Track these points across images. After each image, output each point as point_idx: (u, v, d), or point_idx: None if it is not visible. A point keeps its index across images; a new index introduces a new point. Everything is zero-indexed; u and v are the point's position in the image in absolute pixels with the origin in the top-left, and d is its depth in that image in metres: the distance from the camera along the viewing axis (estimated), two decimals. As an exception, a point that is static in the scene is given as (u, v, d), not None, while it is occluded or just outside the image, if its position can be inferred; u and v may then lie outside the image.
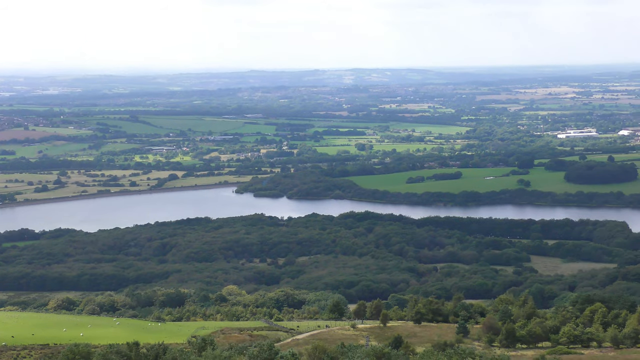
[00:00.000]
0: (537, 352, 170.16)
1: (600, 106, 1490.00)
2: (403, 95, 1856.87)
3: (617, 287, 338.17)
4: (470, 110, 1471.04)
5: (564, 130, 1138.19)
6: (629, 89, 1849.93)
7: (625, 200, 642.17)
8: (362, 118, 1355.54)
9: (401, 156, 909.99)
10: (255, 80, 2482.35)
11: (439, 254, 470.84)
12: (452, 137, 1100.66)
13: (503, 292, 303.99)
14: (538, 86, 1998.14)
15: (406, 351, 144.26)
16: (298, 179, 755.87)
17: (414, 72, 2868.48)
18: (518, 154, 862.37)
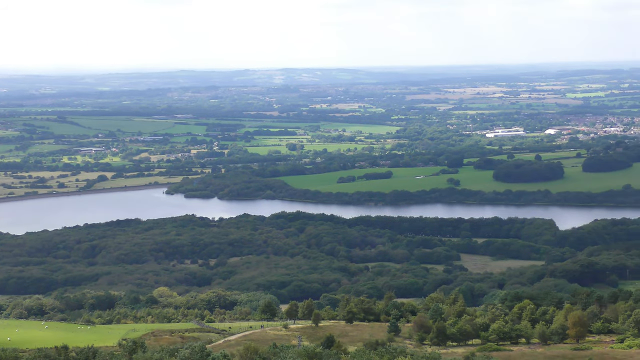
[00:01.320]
0: (467, 349, 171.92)
1: (528, 105, 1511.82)
2: (333, 95, 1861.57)
3: (544, 284, 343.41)
4: (400, 110, 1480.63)
5: (492, 130, 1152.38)
6: (555, 89, 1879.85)
7: (552, 199, 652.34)
8: (292, 118, 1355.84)
9: (332, 156, 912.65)
10: (186, 80, 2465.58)
11: (370, 253, 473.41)
12: (383, 137, 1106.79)
13: (434, 291, 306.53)
14: (467, 86, 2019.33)
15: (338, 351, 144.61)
16: (229, 180, 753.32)
17: (344, 71, 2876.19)
18: (448, 153, 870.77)
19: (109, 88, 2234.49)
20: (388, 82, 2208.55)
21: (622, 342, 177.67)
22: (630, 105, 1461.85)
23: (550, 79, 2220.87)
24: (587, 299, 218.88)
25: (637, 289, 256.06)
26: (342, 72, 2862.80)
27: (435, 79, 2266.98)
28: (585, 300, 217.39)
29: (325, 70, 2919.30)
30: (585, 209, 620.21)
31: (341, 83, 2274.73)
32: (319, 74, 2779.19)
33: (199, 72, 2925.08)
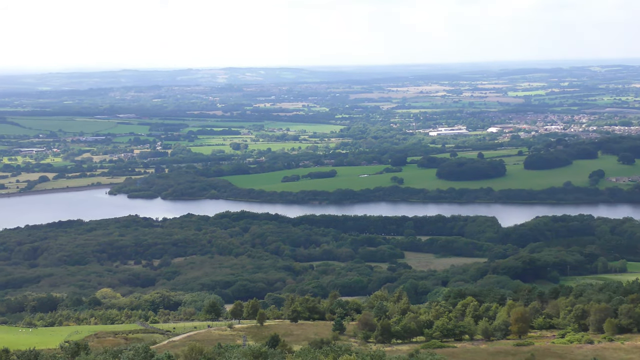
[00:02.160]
0: (411, 346, 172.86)
1: (470, 104, 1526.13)
2: (277, 94, 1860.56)
3: (487, 281, 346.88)
4: (344, 109, 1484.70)
5: (436, 128, 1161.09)
6: (497, 87, 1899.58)
7: (495, 196, 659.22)
8: (236, 117, 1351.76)
9: (276, 155, 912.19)
10: (128, 80, 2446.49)
11: (315, 252, 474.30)
12: (327, 136, 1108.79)
13: (378, 289, 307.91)
14: (410, 85, 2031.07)
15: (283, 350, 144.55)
16: (173, 179, 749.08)
17: (288, 71, 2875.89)
18: (391, 151, 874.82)
19: (49, 88, 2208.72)
20: (332, 82, 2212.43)
21: (563, 337, 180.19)
22: (570, 103, 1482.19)
23: (492, 77, 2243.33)
24: (529, 295, 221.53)
25: (577, 285, 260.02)
26: (286, 71, 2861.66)
27: (379, 78, 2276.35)
28: (527, 296, 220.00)
29: (269, 69, 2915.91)
30: (526, 206, 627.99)
31: (285, 82, 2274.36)
32: (263, 73, 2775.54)
33: (141, 71, 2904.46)
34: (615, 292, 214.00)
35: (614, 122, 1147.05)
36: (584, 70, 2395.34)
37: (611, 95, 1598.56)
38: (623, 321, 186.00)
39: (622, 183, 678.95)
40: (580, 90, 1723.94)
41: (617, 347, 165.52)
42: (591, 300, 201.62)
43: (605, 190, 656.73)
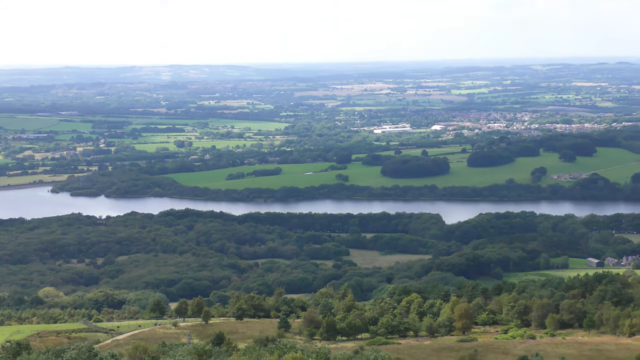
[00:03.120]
0: (356, 343, 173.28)
1: (414, 102, 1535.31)
2: (222, 91, 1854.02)
3: (432, 278, 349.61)
4: (288, 107, 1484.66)
5: (380, 126, 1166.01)
6: (440, 85, 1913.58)
7: (439, 193, 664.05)
8: (180, 115, 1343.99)
9: (221, 153, 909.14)
10: (70, 77, 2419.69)
11: (260, 249, 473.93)
12: (272, 134, 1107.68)
13: (323, 286, 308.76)
14: (354, 82, 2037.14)
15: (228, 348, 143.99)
16: (116, 177, 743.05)
17: (232, 68, 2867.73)
18: (336, 149, 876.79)
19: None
20: (276, 79, 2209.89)
21: (506, 333, 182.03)
22: (512, 101, 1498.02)
23: (436, 76, 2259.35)
24: (472, 291, 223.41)
25: (520, 281, 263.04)
26: (231, 68, 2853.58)
27: (323, 76, 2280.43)
28: (471, 292, 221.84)
29: (213, 67, 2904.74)
30: (470, 203, 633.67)
31: (229, 80, 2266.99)
32: (207, 70, 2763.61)
33: (84, 68, 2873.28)
34: (557, 288, 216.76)
35: (556, 120, 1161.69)
36: (526, 68, 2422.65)
37: (552, 94, 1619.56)
38: (564, 317, 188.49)
39: (563, 180, 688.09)
40: (523, 89, 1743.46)
41: (558, 342, 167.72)
42: (533, 296, 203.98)
43: (547, 188, 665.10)
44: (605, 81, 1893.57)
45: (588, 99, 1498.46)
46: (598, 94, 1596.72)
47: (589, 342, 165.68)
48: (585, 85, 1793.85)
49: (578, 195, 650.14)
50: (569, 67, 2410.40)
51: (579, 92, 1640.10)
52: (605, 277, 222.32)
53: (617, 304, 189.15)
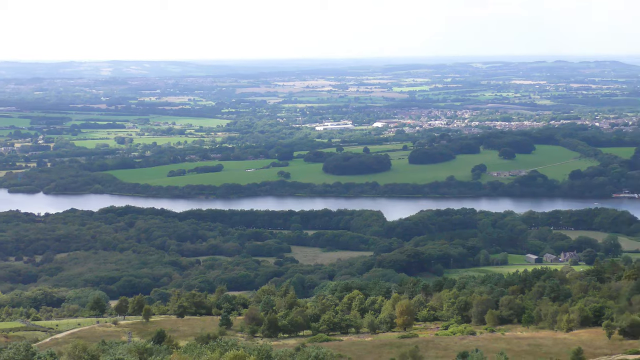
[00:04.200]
0: (298, 340, 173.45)
1: (356, 99, 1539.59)
2: (163, 87, 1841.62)
3: (373, 274, 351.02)
4: (230, 103, 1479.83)
5: (322, 123, 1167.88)
6: (382, 82, 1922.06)
7: (380, 190, 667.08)
8: (121, 111, 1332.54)
9: (162, 149, 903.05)
10: (8, 72, 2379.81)
11: (202, 246, 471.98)
12: (213, 130, 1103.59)
13: (265, 283, 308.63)
14: (296, 79, 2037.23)
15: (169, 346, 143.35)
16: (55, 174, 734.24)
17: (174, 64, 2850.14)
18: (278, 146, 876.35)
19: None
20: (218, 75, 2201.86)
21: (447, 329, 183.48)
22: (453, 99, 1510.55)
23: (377, 73, 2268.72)
24: (413, 287, 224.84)
25: (460, 277, 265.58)
26: (172, 64, 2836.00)
27: (265, 73, 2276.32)
28: (412, 289, 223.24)
29: (154, 62, 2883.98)
30: (411, 200, 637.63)
31: (171, 76, 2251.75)
32: (148, 66, 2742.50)
33: (22, 63, 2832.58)
34: (496, 284, 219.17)
35: (495, 117, 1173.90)
36: (467, 66, 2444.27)
37: (492, 92, 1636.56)
38: (504, 312, 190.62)
39: (502, 177, 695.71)
40: (463, 86, 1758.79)
41: (497, 337, 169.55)
42: (473, 293, 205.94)
43: (486, 184, 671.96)
44: (544, 79, 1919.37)
45: (527, 97, 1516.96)
46: (537, 92, 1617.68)
47: (528, 338, 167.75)
48: (524, 83, 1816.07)
49: (517, 192, 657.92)
50: (508, 65, 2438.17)
51: (519, 90, 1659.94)
52: (543, 273, 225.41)
53: (555, 299, 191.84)
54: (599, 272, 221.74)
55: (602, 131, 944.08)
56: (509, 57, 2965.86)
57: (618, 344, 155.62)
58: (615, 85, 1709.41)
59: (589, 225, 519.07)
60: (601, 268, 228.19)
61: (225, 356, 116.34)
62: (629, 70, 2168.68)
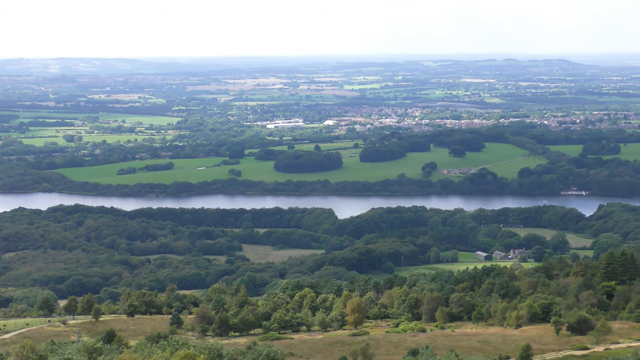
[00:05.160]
0: (249, 339, 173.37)
1: (307, 97, 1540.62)
2: (113, 85, 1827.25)
3: (324, 272, 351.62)
4: (180, 101, 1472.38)
5: (273, 121, 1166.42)
6: (333, 80, 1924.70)
7: (332, 188, 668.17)
8: (70, 109, 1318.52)
9: (112, 147, 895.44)
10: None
11: (152, 245, 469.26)
12: (164, 128, 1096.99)
13: (216, 282, 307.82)
14: (247, 77, 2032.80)
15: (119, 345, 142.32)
16: (2, 172, 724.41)
17: (123, 62, 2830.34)
18: (229, 144, 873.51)
19: None
20: (168, 73, 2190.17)
21: (398, 326, 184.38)
22: (403, 97, 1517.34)
23: (328, 71, 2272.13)
24: (364, 285, 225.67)
25: (411, 275, 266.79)
26: (121, 62, 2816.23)
27: (216, 70, 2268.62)
28: (363, 287, 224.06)
29: (103, 60, 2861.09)
30: (362, 198, 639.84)
31: (120, 73, 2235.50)
32: (97, 63, 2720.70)
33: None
34: (446, 282, 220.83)
35: (445, 115, 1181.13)
36: (417, 64, 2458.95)
37: (443, 90, 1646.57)
38: (454, 309, 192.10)
39: (453, 175, 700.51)
40: (414, 85, 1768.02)
41: (448, 334, 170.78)
42: (424, 290, 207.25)
43: (437, 182, 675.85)
44: (493, 77, 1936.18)
45: (477, 95, 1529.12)
46: (486, 90, 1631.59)
47: (478, 334, 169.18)
48: (474, 81, 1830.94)
49: (467, 189, 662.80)
50: (458, 63, 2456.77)
51: (468, 88, 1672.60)
52: (493, 270, 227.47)
53: (504, 296, 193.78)
54: (547, 269, 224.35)
55: (551, 129, 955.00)
56: (459, 55, 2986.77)
57: (566, 339, 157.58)
58: (563, 84, 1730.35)
59: (538, 222, 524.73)
60: (549, 265, 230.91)
61: (175, 355, 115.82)
62: (576, 69, 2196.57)
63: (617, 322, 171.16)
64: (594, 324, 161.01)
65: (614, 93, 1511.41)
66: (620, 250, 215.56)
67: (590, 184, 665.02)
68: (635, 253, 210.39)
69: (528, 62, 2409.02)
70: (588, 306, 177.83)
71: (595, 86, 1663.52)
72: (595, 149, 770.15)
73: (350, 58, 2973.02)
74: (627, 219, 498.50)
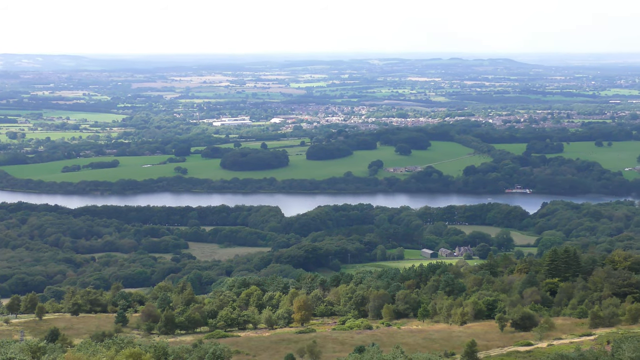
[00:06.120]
0: (195, 337, 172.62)
1: (253, 94, 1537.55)
2: (57, 82, 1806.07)
3: (271, 270, 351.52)
4: (126, 98, 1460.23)
5: (219, 118, 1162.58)
6: (280, 78, 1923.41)
7: (278, 186, 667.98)
8: (13, 105, 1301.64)
9: (56, 145, 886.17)
10: None
11: (97, 243, 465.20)
12: (109, 125, 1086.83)
13: (162, 280, 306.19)
14: (193, 74, 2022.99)
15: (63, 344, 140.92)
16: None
17: (68, 58, 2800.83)
18: (175, 141, 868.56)
19: None
20: (114, 70, 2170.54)
21: (344, 324, 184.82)
22: (350, 95, 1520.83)
23: (275, 69, 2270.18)
24: (311, 283, 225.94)
25: (357, 272, 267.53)
26: (66, 58, 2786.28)
27: (162, 67, 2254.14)
28: (310, 284, 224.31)
29: (47, 56, 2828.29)
30: (309, 196, 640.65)
31: (64, 70, 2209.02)
32: (41, 60, 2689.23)
33: None
34: (392, 279, 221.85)
35: (392, 114, 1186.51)
36: (364, 63, 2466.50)
37: (389, 88, 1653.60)
38: (400, 307, 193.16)
39: (399, 173, 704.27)
40: (360, 83, 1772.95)
41: (394, 331, 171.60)
42: (370, 287, 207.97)
43: (383, 180, 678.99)
44: (439, 76, 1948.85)
45: (423, 94, 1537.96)
46: (432, 88, 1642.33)
47: (423, 331, 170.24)
48: (420, 80, 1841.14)
49: (413, 187, 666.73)
50: (404, 62, 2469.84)
51: (414, 86, 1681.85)
52: (438, 267, 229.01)
53: (450, 293, 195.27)
54: (492, 266, 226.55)
55: (495, 128, 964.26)
56: (406, 54, 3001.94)
57: (510, 336, 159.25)
58: (507, 83, 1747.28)
59: (483, 220, 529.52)
60: (494, 262, 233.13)
61: (121, 354, 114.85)
62: (521, 69, 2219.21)
63: (560, 318, 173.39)
64: (538, 321, 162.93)
65: (558, 92, 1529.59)
66: (563, 247, 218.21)
67: (534, 182, 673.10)
68: (577, 250, 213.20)
69: (473, 62, 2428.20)
70: (532, 303, 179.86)
71: (539, 85, 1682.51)
72: (539, 148, 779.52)
73: (297, 56, 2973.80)
74: (570, 217, 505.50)
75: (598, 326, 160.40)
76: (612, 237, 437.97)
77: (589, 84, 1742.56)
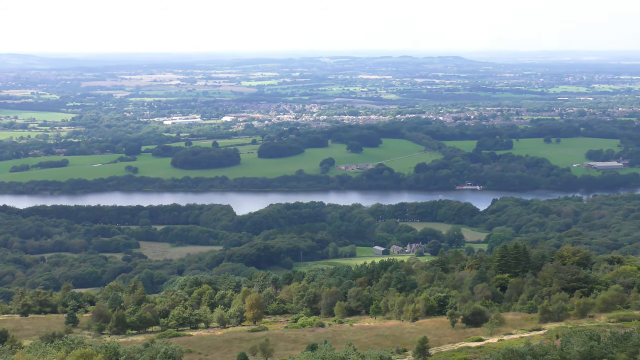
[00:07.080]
0: (147, 336, 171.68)
1: (204, 93, 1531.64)
2: (4, 80, 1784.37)
3: (223, 269, 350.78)
4: (75, 97, 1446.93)
5: (170, 117, 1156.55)
6: (231, 77, 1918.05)
7: (230, 184, 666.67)
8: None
9: (4, 144, 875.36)
10: None
11: (47, 243, 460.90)
12: (58, 124, 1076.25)
13: (113, 279, 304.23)
14: (143, 73, 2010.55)
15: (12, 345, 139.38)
16: None
17: (15, 57, 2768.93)
18: (125, 140, 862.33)
19: None
20: (62, 69, 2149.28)
21: (296, 322, 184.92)
22: (301, 93, 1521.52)
23: (226, 67, 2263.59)
24: (263, 281, 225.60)
25: (309, 270, 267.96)
26: (13, 57, 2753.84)
27: (111, 66, 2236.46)
28: (262, 282, 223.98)
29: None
30: (261, 194, 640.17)
31: (12, 68, 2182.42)
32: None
33: None
34: (344, 276, 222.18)
35: (343, 111, 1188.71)
36: (315, 61, 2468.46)
37: (340, 86, 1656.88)
38: (352, 304, 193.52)
39: (350, 171, 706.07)
40: (311, 81, 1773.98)
41: (346, 329, 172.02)
42: (322, 285, 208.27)
43: (335, 178, 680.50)
44: (390, 74, 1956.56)
45: (374, 92, 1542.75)
46: (383, 86, 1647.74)
47: (376, 328, 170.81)
48: (371, 77, 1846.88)
49: (365, 185, 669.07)
50: (355, 60, 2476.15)
51: (365, 84, 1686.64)
52: (390, 264, 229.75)
53: (402, 290, 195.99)
54: (443, 262, 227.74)
55: (446, 125, 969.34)
56: (356, 52, 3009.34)
57: (461, 332, 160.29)
58: (457, 80, 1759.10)
59: (434, 217, 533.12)
60: (445, 258, 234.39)
61: (71, 355, 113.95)
62: (470, 66, 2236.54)
63: (510, 313, 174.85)
64: (488, 316, 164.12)
65: (507, 89, 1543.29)
66: (513, 243, 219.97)
67: (484, 179, 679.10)
68: (527, 246, 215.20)
69: (424, 59, 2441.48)
70: (482, 299, 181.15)
71: (488, 83, 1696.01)
72: (489, 145, 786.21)
73: (248, 55, 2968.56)
74: (520, 213, 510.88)
75: (547, 321, 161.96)
76: (561, 232, 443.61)
77: (538, 81, 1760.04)
